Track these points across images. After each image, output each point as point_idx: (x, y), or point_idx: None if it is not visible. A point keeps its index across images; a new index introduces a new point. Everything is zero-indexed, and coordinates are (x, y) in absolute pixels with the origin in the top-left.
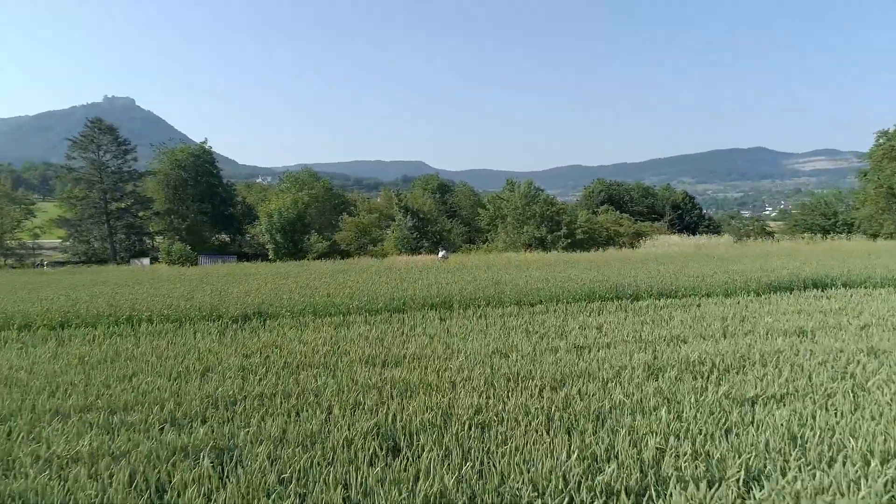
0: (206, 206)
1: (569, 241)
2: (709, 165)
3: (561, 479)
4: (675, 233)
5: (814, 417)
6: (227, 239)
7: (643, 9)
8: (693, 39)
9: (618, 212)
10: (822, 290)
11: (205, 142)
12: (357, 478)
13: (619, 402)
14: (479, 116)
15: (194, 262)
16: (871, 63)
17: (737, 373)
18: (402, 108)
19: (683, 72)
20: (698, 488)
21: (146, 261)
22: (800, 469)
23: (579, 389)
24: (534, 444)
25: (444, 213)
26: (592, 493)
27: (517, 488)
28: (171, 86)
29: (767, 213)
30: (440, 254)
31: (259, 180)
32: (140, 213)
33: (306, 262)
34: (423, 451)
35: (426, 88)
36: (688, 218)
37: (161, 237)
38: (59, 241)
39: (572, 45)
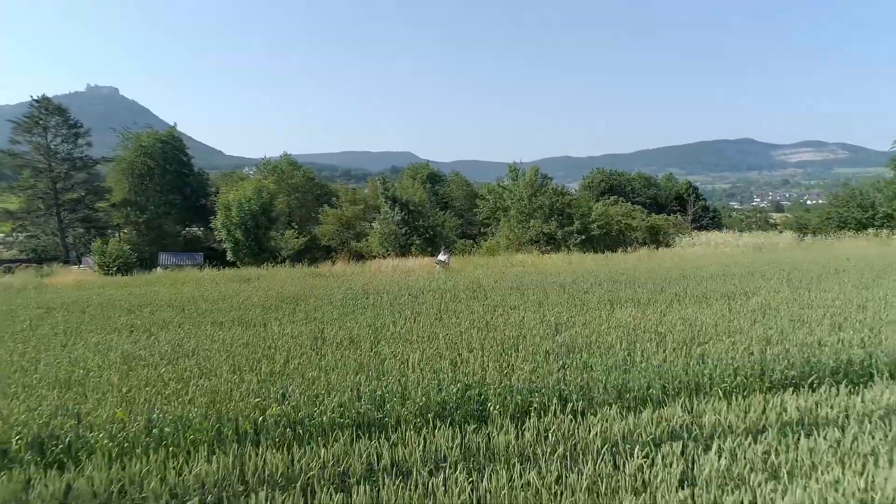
0: (176, 196)
1: (583, 237)
2: (697, 156)
3: None
4: (698, 228)
5: None
6: (200, 233)
7: (630, 2)
8: (682, 31)
9: (628, 203)
10: None
11: (174, 127)
12: None
13: None
14: (467, 107)
15: (131, 267)
16: (857, 55)
17: None
18: (390, 99)
19: (670, 63)
20: None
21: None
22: None
23: None
24: None
25: (436, 205)
26: None
27: None
28: (156, 75)
29: (756, 203)
30: (440, 257)
31: (246, 170)
32: (98, 205)
33: (263, 270)
34: None
35: (414, 79)
36: (691, 210)
37: (120, 233)
38: (2, 235)
39: (560, 37)
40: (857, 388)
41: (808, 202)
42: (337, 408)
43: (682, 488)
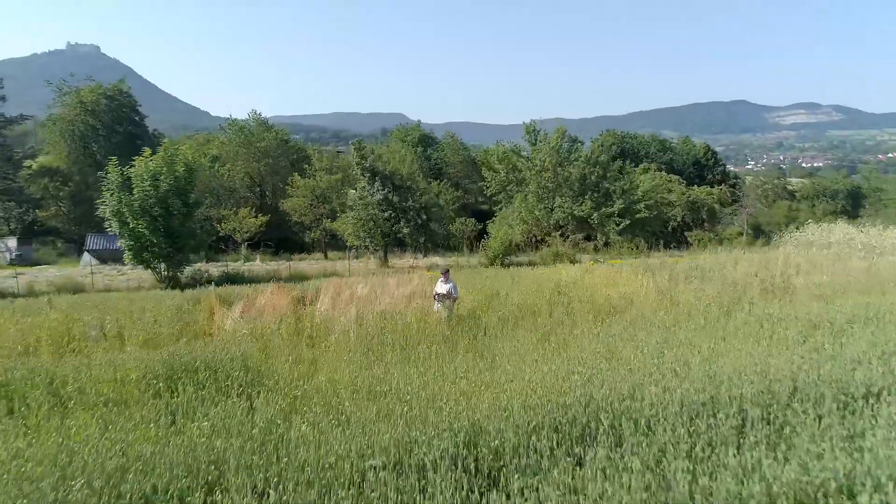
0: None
1: (627, 221)
2: (690, 118)
3: None
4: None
5: None
6: None
7: None
8: None
9: (661, 171)
10: None
11: (123, 80)
12: None
13: None
14: (458, 67)
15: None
16: (851, 17)
17: None
18: (379, 57)
19: (662, 22)
20: None
21: (12, 242)
22: None
23: None
24: None
25: (428, 173)
26: None
27: None
28: (141, 33)
29: (750, 167)
30: (439, 288)
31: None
32: (21, 174)
33: (161, 291)
34: None
35: (404, 37)
36: (710, 176)
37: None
38: None
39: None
40: None
41: (804, 165)
42: None
43: None
